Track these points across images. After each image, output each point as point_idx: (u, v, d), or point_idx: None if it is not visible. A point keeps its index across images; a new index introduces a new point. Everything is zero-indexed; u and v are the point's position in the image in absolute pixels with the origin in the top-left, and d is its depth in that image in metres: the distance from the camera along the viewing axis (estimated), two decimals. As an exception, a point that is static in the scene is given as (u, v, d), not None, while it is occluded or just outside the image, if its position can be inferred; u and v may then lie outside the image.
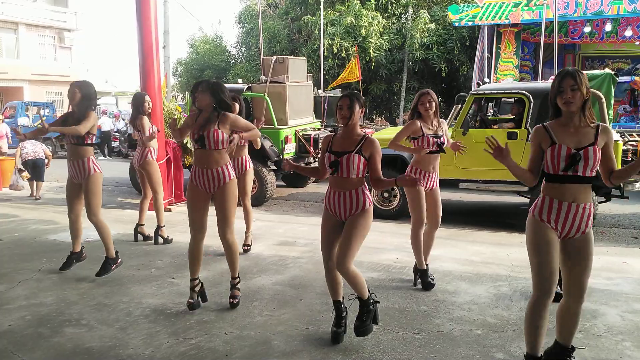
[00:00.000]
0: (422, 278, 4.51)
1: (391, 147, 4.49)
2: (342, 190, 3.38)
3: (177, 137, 4.19)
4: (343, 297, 3.59)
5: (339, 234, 3.44)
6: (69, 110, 4.72)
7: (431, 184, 4.49)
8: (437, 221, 4.57)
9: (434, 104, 4.40)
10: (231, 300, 4.11)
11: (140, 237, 6.10)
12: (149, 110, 5.92)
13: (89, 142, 4.69)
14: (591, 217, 2.77)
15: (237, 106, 5.29)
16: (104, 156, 17.16)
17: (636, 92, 13.18)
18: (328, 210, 3.47)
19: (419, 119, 4.42)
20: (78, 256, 5.00)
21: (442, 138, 4.43)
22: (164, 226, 6.00)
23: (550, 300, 2.76)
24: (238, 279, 4.19)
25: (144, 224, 6.11)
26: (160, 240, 5.98)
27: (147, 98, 5.95)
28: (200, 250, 4.08)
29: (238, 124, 3.99)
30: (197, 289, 4.10)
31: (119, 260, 4.87)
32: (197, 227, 4.01)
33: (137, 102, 5.88)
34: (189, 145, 7.98)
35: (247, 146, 5.52)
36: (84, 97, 4.61)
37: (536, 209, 2.80)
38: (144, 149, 5.87)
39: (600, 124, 2.75)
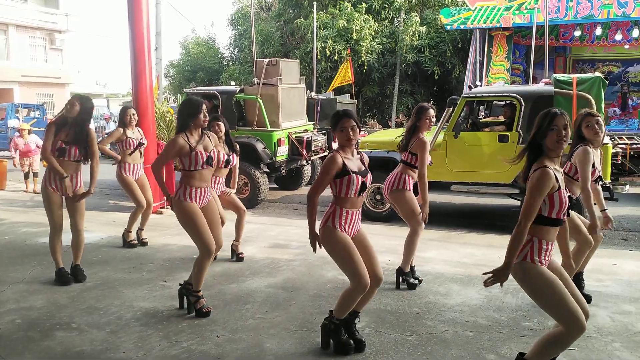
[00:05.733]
0: (407, 279, 4.62)
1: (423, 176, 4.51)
2: (358, 209, 3.40)
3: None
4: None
5: None
6: (66, 121, 4.60)
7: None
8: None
9: (434, 118, 4.58)
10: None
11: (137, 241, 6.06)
12: (132, 122, 6.00)
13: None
14: None
15: (222, 126, 5.19)
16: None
17: (627, 95, 13.33)
18: (344, 232, 3.32)
19: (421, 134, 4.55)
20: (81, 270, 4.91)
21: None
22: (130, 232, 6.01)
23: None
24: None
25: (142, 229, 6.11)
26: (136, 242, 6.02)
27: (130, 111, 6.03)
28: None
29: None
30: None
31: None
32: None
33: (120, 115, 6.10)
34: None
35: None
36: (83, 110, 4.59)
37: (534, 255, 2.72)
38: (119, 162, 5.97)
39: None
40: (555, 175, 2.67)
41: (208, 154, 4.01)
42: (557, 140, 2.67)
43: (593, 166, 3.94)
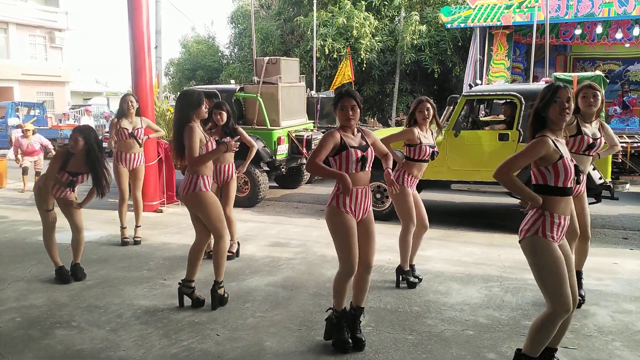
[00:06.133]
0: (407, 278, 4.61)
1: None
2: (365, 186, 3.36)
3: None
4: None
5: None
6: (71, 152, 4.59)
7: (414, 188, 4.64)
8: (426, 223, 4.69)
9: (432, 111, 4.53)
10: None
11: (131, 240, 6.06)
12: (130, 110, 5.97)
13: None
14: None
15: (225, 115, 5.20)
16: None
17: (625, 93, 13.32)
18: (349, 213, 3.29)
19: (415, 127, 4.54)
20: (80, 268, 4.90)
21: (435, 147, 4.59)
22: (125, 227, 6.01)
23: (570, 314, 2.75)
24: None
25: (139, 226, 6.11)
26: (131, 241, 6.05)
27: (128, 98, 6.02)
28: None
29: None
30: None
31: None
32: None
33: (120, 103, 6.10)
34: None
35: (232, 154, 5.39)
36: (88, 142, 4.55)
37: (546, 230, 2.71)
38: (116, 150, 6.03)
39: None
40: (555, 145, 2.70)
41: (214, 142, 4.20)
42: (559, 112, 2.71)
43: (581, 133, 3.98)
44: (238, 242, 5.56)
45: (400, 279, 4.62)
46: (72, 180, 4.61)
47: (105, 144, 6.21)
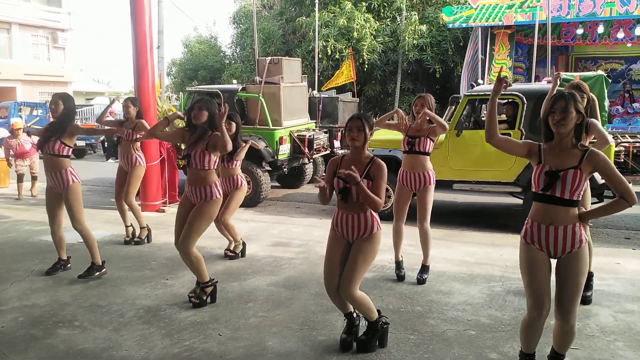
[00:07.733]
0: (396, 269, 4.83)
1: (378, 125, 4.91)
2: (351, 213, 3.28)
3: (153, 131, 4.36)
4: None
5: (346, 255, 3.32)
6: (51, 121, 4.84)
7: (418, 185, 4.69)
8: (421, 217, 4.72)
9: (424, 107, 4.66)
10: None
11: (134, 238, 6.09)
12: (127, 115, 5.97)
13: (66, 153, 4.73)
14: (577, 238, 2.70)
15: (234, 125, 5.25)
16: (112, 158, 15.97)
17: (629, 94, 13.29)
18: (336, 231, 3.36)
19: (413, 120, 4.77)
20: (65, 263, 4.99)
21: (417, 139, 4.64)
22: (127, 226, 6.06)
23: (544, 318, 2.77)
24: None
25: (142, 227, 6.13)
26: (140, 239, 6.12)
27: (125, 102, 6.05)
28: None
29: (218, 142, 3.97)
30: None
31: (104, 269, 4.89)
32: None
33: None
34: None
35: (239, 166, 5.41)
36: (66, 109, 4.70)
37: (523, 232, 2.86)
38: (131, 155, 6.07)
39: (591, 148, 2.71)
40: (540, 152, 2.78)
41: (188, 152, 4.19)
42: (553, 123, 2.72)
43: None
44: (243, 242, 5.55)
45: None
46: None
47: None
